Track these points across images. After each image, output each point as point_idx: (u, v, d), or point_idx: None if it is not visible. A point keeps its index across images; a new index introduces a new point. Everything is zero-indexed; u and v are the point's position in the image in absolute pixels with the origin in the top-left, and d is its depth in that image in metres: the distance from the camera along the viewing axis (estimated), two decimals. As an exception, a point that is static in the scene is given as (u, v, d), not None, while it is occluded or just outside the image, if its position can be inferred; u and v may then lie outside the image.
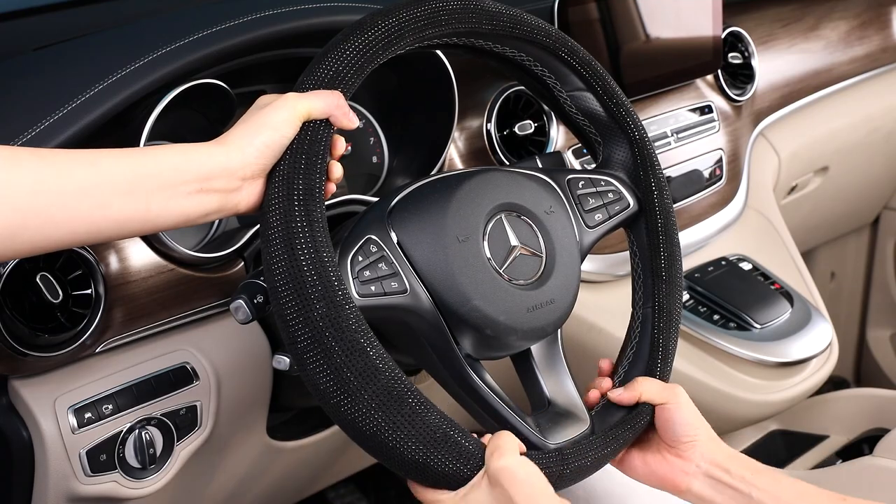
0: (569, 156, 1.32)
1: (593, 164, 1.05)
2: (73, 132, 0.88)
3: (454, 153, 1.23)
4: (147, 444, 0.99)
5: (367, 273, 0.84)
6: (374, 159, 1.22)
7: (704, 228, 1.51)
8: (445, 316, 0.87)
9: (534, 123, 1.30)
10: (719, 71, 1.54)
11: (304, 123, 0.81)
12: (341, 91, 0.83)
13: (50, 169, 0.72)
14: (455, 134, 1.22)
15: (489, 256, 0.89)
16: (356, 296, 0.83)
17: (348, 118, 0.83)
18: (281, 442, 1.18)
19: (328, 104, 0.82)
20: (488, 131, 1.26)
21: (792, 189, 1.81)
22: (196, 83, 0.96)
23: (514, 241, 0.91)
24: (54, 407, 0.94)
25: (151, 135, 0.94)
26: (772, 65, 1.67)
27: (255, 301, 0.84)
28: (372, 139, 1.22)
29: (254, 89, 1.11)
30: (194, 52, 0.95)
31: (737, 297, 1.43)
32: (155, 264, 0.98)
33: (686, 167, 1.47)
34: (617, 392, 0.94)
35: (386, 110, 1.21)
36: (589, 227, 0.98)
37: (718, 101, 1.54)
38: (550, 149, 1.30)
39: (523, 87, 1.26)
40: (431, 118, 1.18)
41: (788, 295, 1.47)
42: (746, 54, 1.61)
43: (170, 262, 0.99)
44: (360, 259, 0.84)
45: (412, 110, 1.20)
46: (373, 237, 0.86)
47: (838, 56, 1.80)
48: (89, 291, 0.93)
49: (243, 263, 1.04)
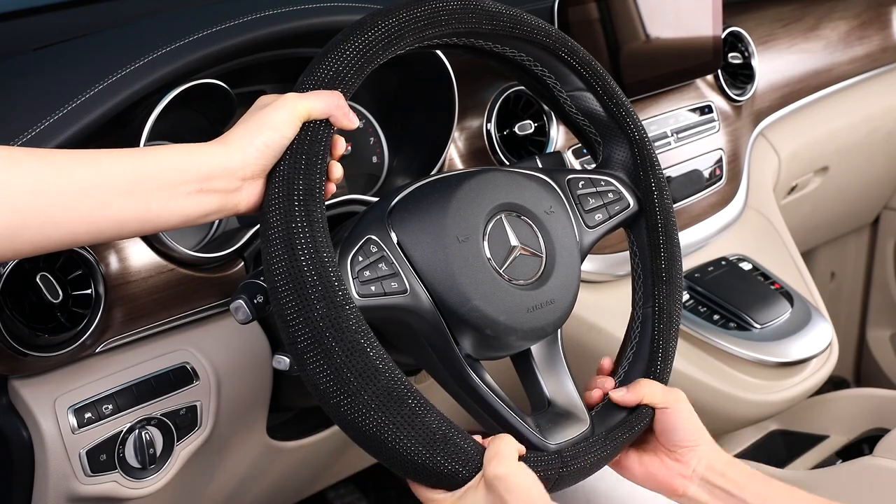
0: (569, 156, 1.32)
1: (593, 164, 1.05)
2: (73, 132, 0.88)
3: (454, 153, 1.23)
4: (147, 444, 0.99)
5: (367, 273, 0.84)
6: (374, 159, 1.22)
7: (704, 228, 1.51)
8: (445, 316, 0.87)
9: (534, 123, 1.30)
10: (719, 71, 1.54)
11: (305, 123, 0.81)
12: (341, 91, 0.83)
13: (50, 169, 0.72)
14: (455, 134, 1.22)
15: (489, 256, 0.89)
16: (356, 296, 0.83)
17: (348, 118, 0.83)
18: (281, 442, 1.18)
19: (328, 104, 0.82)
20: (488, 131, 1.26)
21: (792, 189, 1.81)
22: (196, 83, 0.96)
23: (514, 241, 0.91)
24: (54, 407, 0.94)
25: (151, 135, 0.94)
26: (772, 65, 1.67)
27: (255, 301, 0.84)
28: (372, 139, 1.21)
29: (254, 89, 1.11)
30: (194, 52, 0.95)
31: (737, 297, 1.43)
32: (155, 264, 0.98)
33: (686, 167, 1.47)
34: (619, 393, 0.94)
35: (386, 110, 1.21)
36: (589, 227, 0.98)
37: (718, 101, 1.54)
38: (550, 149, 1.30)
39: (523, 87, 1.26)
40: (431, 118, 1.18)
41: (788, 295, 1.47)
42: (746, 54, 1.61)
43: (170, 262, 0.99)
44: (360, 259, 0.84)
45: (412, 110, 1.20)
46: (373, 237, 0.86)
47: (838, 56, 1.80)
48: (89, 291, 0.93)
49: (243, 263, 1.04)
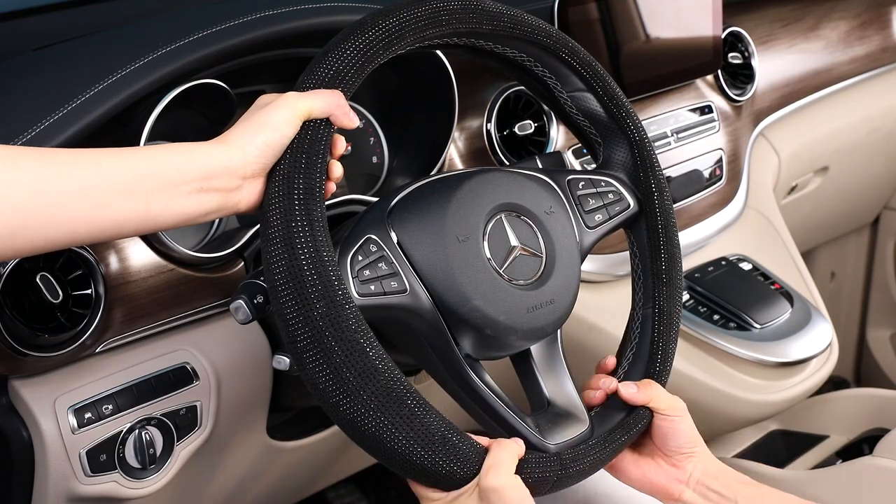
0: (569, 156, 1.32)
1: (593, 165, 1.05)
2: (73, 132, 0.88)
3: (454, 153, 1.23)
4: (147, 444, 0.99)
5: (367, 273, 0.84)
6: (374, 159, 1.22)
7: (704, 228, 1.51)
8: (445, 316, 0.87)
9: (534, 123, 1.30)
10: (719, 71, 1.54)
11: (305, 123, 0.81)
12: (342, 91, 0.83)
13: (50, 169, 0.72)
14: (455, 134, 1.21)
15: (489, 256, 0.89)
16: (356, 295, 0.83)
17: (348, 118, 0.83)
18: (281, 442, 1.18)
19: (328, 103, 0.82)
20: (488, 131, 1.26)
21: (792, 189, 1.81)
22: (196, 83, 0.96)
23: (514, 242, 0.91)
24: (54, 407, 0.94)
25: (151, 135, 0.94)
26: (772, 65, 1.67)
27: (255, 301, 0.84)
28: (372, 139, 1.21)
29: (254, 89, 1.11)
30: (194, 52, 0.95)
31: (737, 297, 1.43)
32: (155, 264, 0.98)
33: (686, 167, 1.47)
34: (630, 389, 0.93)
35: (386, 110, 1.21)
36: (589, 228, 0.98)
37: (718, 101, 1.54)
38: (550, 149, 1.30)
39: (523, 87, 1.26)
40: (431, 118, 1.18)
41: (788, 295, 1.47)
42: (746, 54, 1.61)
43: (170, 262, 0.99)
44: (360, 259, 0.84)
45: (412, 110, 1.20)
46: (373, 237, 0.86)
47: (838, 56, 1.80)
48: (89, 291, 0.93)
49: (243, 263, 1.04)
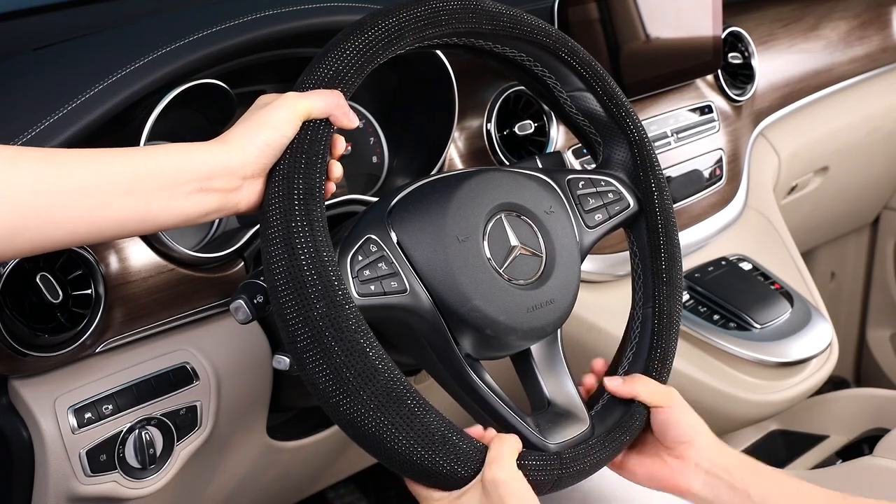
0: (569, 156, 1.32)
1: (593, 165, 1.05)
2: (73, 132, 0.88)
3: (454, 153, 1.23)
4: (147, 444, 0.99)
5: (367, 273, 0.84)
6: (374, 159, 1.22)
7: (704, 228, 1.51)
8: (445, 316, 0.87)
9: (534, 123, 1.30)
10: (719, 71, 1.54)
11: (304, 123, 0.81)
12: (341, 91, 0.83)
13: (50, 169, 0.72)
14: (455, 134, 1.21)
15: (489, 256, 0.89)
16: (356, 295, 0.83)
17: (348, 118, 0.83)
18: (281, 442, 1.18)
19: (328, 103, 0.82)
20: (488, 131, 1.26)
21: (792, 189, 1.81)
22: (196, 83, 0.96)
23: (514, 241, 0.91)
24: (54, 407, 0.94)
25: (151, 135, 0.94)
26: (772, 65, 1.67)
27: (255, 301, 0.84)
28: (372, 139, 1.21)
29: (254, 89, 1.11)
30: (194, 52, 0.95)
31: (737, 297, 1.43)
32: (155, 264, 0.98)
33: (686, 167, 1.47)
34: (615, 382, 0.94)
35: (386, 110, 1.21)
36: (589, 228, 0.98)
37: (718, 101, 1.54)
38: (550, 149, 1.30)
39: (523, 87, 1.26)
40: (431, 118, 1.18)
41: (788, 295, 1.47)
42: (746, 54, 1.61)
43: (170, 262, 0.99)
44: (360, 259, 0.84)
45: (412, 110, 1.20)
46: (373, 237, 0.86)
47: (838, 56, 1.80)
48: (89, 291, 0.93)
49: (243, 263, 1.04)
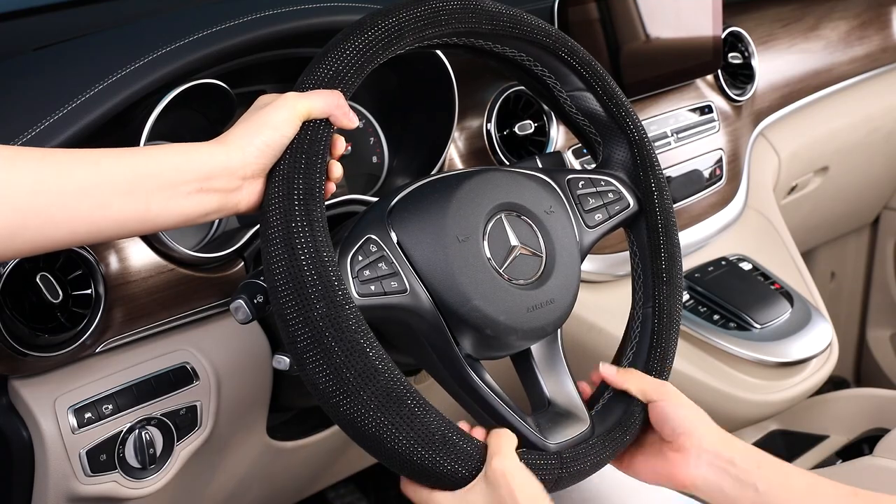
0: (569, 156, 1.32)
1: (593, 164, 1.05)
2: (73, 132, 0.88)
3: (454, 153, 1.23)
4: (147, 444, 0.99)
5: (367, 273, 0.84)
6: (374, 159, 1.22)
7: (704, 228, 1.51)
8: (445, 316, 0.87)
9: (534, 123, 1.30)
10: (719, 71, 1.54)
11: (304, 123, 0.81)
12: (341, 91, 0.83)
13: (50, 169, 0.72)
14: (455, 134, 1.21)
15: (489, 256, 0.89)
16: (356, 295, 0.83)
17: (348, 118, 0.83)
18: (281, 442, 1.18)
19: (328, 104, 0.82)
20: (488, 131, 1.26)
21: (792, 189, 1.81)
22: (196, 83, 0.96)
23: (514, 241, 0.91)
24: (54, 407, 0.94)
25: (151, 135, 0.94)
26: (772, 65, 1.67)
27: (255, 301, 0.84)
28: (372, 139, 1.21)
29: (254, 89, 1.11)
30: (194, 52, 0.95)
31: (737, 297, 1.43)
32: (155, 264, 0.98)
33: (686, 167, 1.47)
34: (609, 370, 0.94)
35: (386, 110, 1.21)
36: (589, 227, 0.98)
37: (718, 101, 1.54)
38: (550, 149, 1.30)
39: (523, 87, 1.26)
40: (431, 118, 1.18)
41: (788, 295, 1.47)
42: (746, 54, 1.61)
43: (170, 262, 0.99)
44: (360, 259, 0.84)
45: (412, 110, 1.20)
46: (373, 237, 0.86)
47: (838, 56, 1.80)
48: (89, 291, 0.93)
49: (243, 263, 1.04)
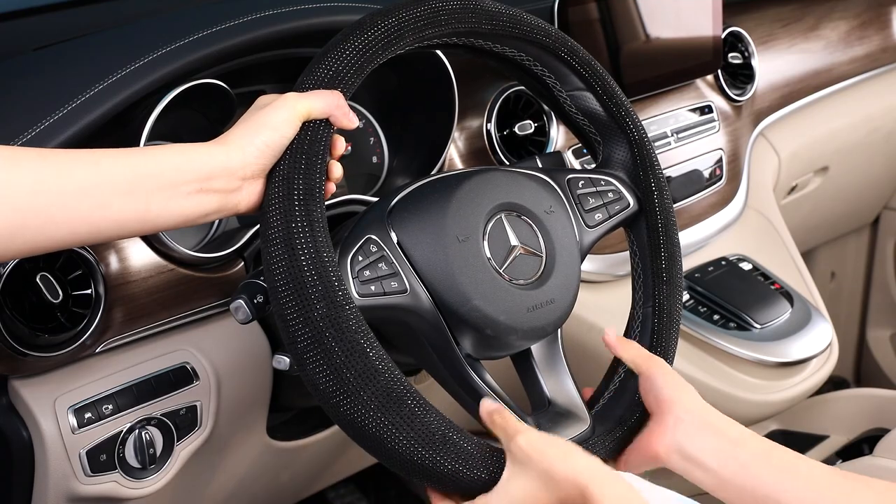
0: (569, 156, 1.32)
1: (593, 164, 1.05)
2: (73, 132, 0.88)
3: (454, 153, 1.23)
4: (147, 444, 0.99)
5: (367, 273, 0.84)
6: (374, 159, 1.22)
7: (704, 228, 1.51)
8: (445, 316, 0.87)
9: (534, 123, 1.30)
10: (719, 71, 1.54)
11: (304, 123, 0.81)
12: (341, 91, 0.83)
13: (50, 169, 0.72)
14: (455, 134, 1.22)
15: (489, 256, 0.89)
16: (356, 296, 0.83)
17: (348, 118, 0.83)
18: (281, 442, 1.18)
19: (328, 104, 0.82)
20: (488, 131, 1.26)
21: (792, 189, 1.81)
22: (196, 83, 0.96)
23: (514, 241, 0.91)
24: (54, 407, 0.94)
25: (151, 135, 0.94)
26: (772, 65, 1.67)
27: (255, 301, 0.84)
28: (372, 139, 1.22)
29: (254, 89, 1.11)
30: (194, 52, 0.95)
31: (737, 297, 1.43)
32: (155, 264, 0.98)
33: (686, 167, 1.47)
34: (611, 337, 0.93)
35: (386, 110, 1.21)
36: (589, 227, 0.98)
37: (718, 101, 1.54)
38: (550, 149, 1.30)
39: (523, 87, 1.26)
40: (431, 118, 1.18)
41: (788, 295, 1.47)
42: (746, 54, 1.61)
43: (170, 262, 0.99)
44: (360, 259, 0.84)
45: (412, 110, 1.20)
46: (373, 237, 0.86)
47: (838, 56, 1.80)
48: (89, 291, 0.93)
49: (243, 263, 1.04)
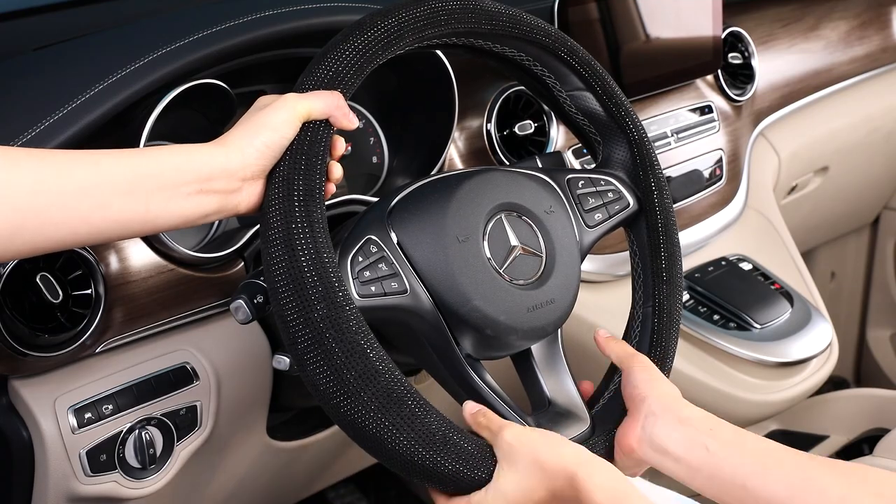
0: (569, 156, 1.32)
1: (593, 164, 1.05)
2: (73, 132, 0.88)
3: (454, 153, 1.23)
4: (147, 444, 0.99)
5: (368, 273, 0.84)
6: (374, 159, 1.22)
7: (704, 228, 1.51)
8: (445, 316, 0.87)
9: (534, 123, 1.30)
10: (719, 71, 1.54)
11: (304, 124, 0.81)
12: (341, 91, 0.83)
13: (50, 169, 0.72)
14: (455, 134, 1.21)
15: (489, 256, 0.89)
16: (356, 296, 0.83)
17: (348, 118, 0.83)
18: (281, 442, 1.18)
19: (328, 104, 0.82)
20: (488, 131, 1.26)
21: (792, 189, 1.81)
22: (196, 83, 0.96)
23: (514, 241, 0.91)
24: (54, 407, 0.94)
25: (151, 135, 0.94)
26: (772, 65, 1.67)
27: (255, 301, 0.84)
28: (372, 139, 1.21)
29: (254, 89, 1.11)
30: (194, 52, 0.95)
31: (737, 297, 1.43)
32: (155, 264, 0.98)
33: (686, 167, 1.47)
34: (602, 334, 0.97)
35: (386, 110, 1.21)
36: (589, 227, 0.98)
37: (718, 101, 1.54)
38: (550, 149, 1.30)
39: (523, 87, 1.26)
40: (431, 118, 1.18)
41: (788, 295, 1.47)
42: (746, 54, 1.61)
43: (170, 262, 0.99)
44: (361, 259, 0.84)
45: (412, 110, 1.20)
46: (373, 237, 0.86)
47: (838, 56, 1.80)
48: (89, 291, 0.93)
49: (243, 263, 1.04)
